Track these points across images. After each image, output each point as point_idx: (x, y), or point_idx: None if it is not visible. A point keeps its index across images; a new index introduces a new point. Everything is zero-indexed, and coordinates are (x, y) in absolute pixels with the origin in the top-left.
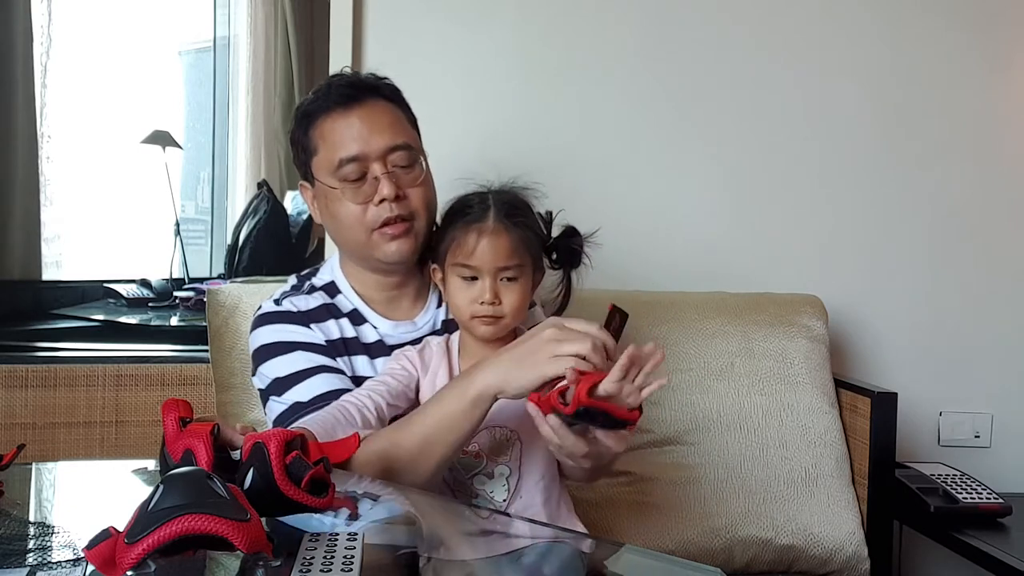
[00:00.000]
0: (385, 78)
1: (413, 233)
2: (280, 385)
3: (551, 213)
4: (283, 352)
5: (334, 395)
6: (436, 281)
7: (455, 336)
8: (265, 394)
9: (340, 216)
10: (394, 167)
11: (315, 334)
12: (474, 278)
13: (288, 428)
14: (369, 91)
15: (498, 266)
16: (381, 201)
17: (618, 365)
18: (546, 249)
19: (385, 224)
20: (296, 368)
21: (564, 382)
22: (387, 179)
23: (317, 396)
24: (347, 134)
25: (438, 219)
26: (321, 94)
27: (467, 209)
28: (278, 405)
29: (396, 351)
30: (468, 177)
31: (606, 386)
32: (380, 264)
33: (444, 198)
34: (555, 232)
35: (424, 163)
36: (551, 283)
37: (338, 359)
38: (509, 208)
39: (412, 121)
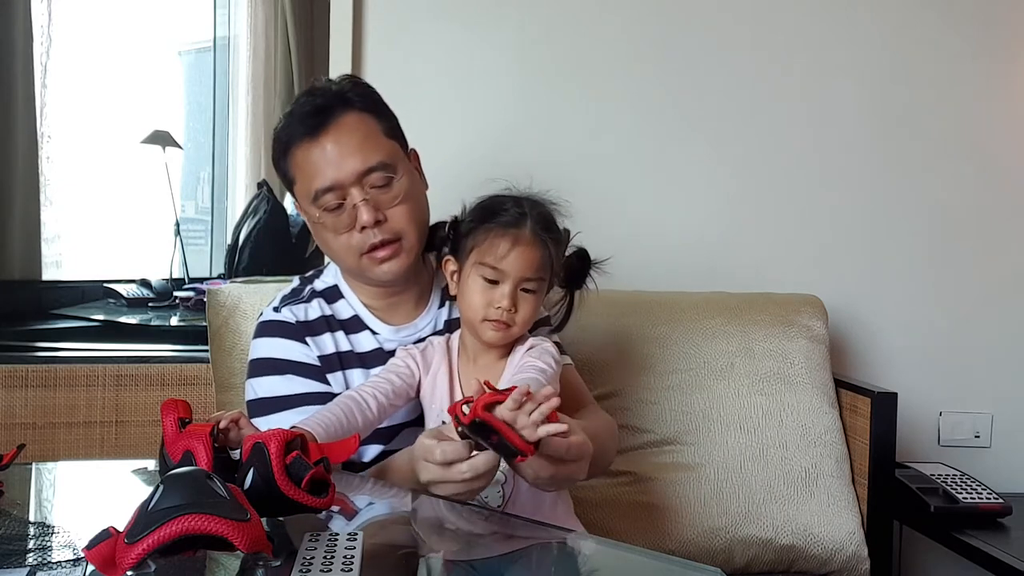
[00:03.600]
0: (354, 80)
1: (403, 251)
2: (262, 406)
3: (568, 232)
4: (273, 372)
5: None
6: (447, 272)
7: (455, 335)
8: (248, 406)
9: (328, 243)
10: (372, 188)
11: (309, 351)
12: (495, 281)
13: (290, 428)
14: (337, 107)
15: (524, 275)
16: (363, 228)
17: (512, 395)
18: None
19: (372, 249)
20: (281, 393)
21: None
22: (365, 206)
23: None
24: (320, 162)
25: (458, 214)
26: (290, 120)
27: (502, 212)
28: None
29: (400, 348)
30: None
31: (501, 410)
32: (376, 282)
33: (446, 200)
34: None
35: (404, 176)
36: (553, 299)
37: (330, 375)
38: (545, 221)
39: (389, 127)
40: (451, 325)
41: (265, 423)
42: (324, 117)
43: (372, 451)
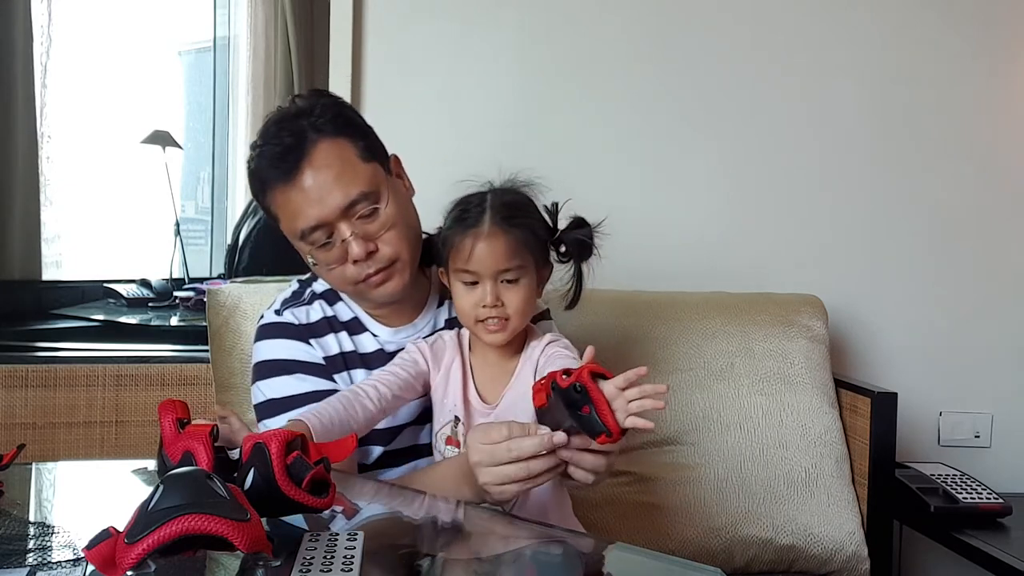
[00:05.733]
0: (321, 98)
1: (397, 273)
2: (272, 407)
3: (557, 205)
4: (280, 373)
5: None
6: (446, 283)
7: (466, 331)
8: (257, 410)
9: (322, 274)
10: (359, 219)
11: (314, 351)
12: (475, 283)
13: (287, 421)
14: (306, 141)
15: (497, 269)
16: (356, 261)
17: (624, 375)
18: (553, 242)
19: (367, 277)
20: (291, 392)
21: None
22: (355, 240)
23: None
24: (300, 203)
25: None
26: (261, 157)
27: (464, 213)
28: (263, 428)
29: (409, 342)
30: (467, 179)
31: (607, 387)
32: (376, 304)
33: (446, 200)
34: (563, 224)
35: (389, 200)
36: (563, 277)
37: (336, 376)
38: (506, 209)
39: (364, 146)
40: (452, 324)
41: (276, 424)
42: (296, 157)
43: (374, 453)
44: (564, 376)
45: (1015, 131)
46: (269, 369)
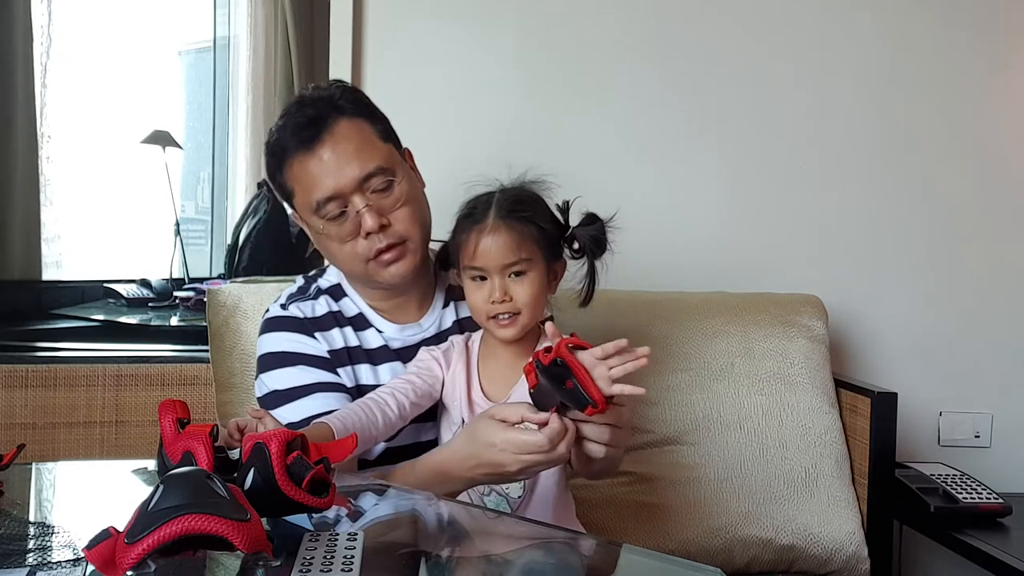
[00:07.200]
0: (342, 85)
1: (409, 253)
2: (276, 399)
3: (568, 203)
4: (284, 364)
5: (325, 416)
6: (461, 284)
7: (476, 335)
8: (261, 403)
9: (333, 252)
10: (373, 193)
11: (319, 344)
12: (483, 278)
13: (312, 424)
14: (329, 115)
15: (503, 263)
16: (368, 234)
17: (603, 347)
18: (566, 239)
19: (379, 254)
20: (294, 383)
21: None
22: (368, 212)
23: (308, 417)
24: (318, 172)
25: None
26: (282, 133)
27: (471, 211)
28: None
29: (423, 348)
30: (475, 180)
31: (585, 356)
32: (384, 286)
33: (449, 200)
34: (574, 221)
35: (403, 178)
36: (573, 277)
37: (340, 370)
38: (511, 204)
39: (382, 129)
40: (460, 325)
41: (280, 415)
42: (317, 127)
43: (376, 449)
44: (545, 353)
45: (1015, 131)
46: (273, 361)
